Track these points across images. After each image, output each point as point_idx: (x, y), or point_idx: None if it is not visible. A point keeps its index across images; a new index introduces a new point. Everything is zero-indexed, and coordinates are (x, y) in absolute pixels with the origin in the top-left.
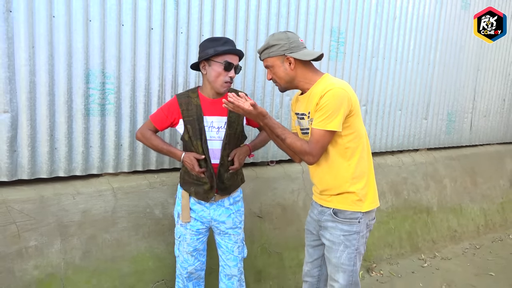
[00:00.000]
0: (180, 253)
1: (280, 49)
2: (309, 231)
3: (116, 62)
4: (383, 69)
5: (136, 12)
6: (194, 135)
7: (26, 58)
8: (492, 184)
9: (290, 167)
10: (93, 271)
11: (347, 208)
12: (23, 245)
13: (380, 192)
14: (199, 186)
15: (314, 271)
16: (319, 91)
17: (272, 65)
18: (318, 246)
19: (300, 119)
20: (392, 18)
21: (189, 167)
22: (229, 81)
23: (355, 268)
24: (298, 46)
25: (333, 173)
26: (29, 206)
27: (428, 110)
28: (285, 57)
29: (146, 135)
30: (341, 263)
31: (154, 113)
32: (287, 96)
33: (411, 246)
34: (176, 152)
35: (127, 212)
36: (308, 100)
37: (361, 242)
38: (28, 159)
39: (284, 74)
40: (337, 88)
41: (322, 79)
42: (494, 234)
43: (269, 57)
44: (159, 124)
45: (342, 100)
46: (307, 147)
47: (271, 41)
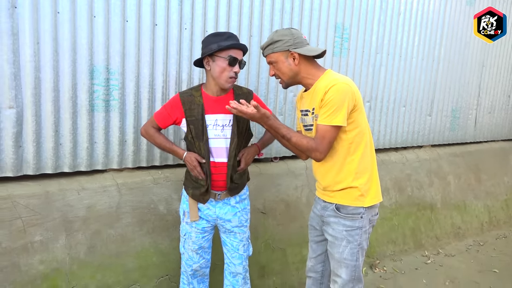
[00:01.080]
0: (185, 251)
1: (285, 45)
2: (313, 226)
3: (120, 58)
4: (387, 65)
5: (140, 8)
6: (197, 135)
7: (31, 54)
8: (496, 181)
9: (293, 164)
10: (97, 266)
11: (349, 204)
12: (28, 240)
13: (384, 188)
14: (196, 188)
15: (318, 267)
16: (323, 87)
17: (275, 60)
18: (321, 242)
19: (304, 115)
20: (397, 14)
21: (190, 167)
22: (234, 76)
23: (357, 263)
24: (302, 42)
25: (336, 168)
26: (34, 201)
27: (433, 107)
28: (290, 53)
29: (149, 132)
30: (344, 258)
31: (158, 111)
32: (291, 92)
33: (414, 243)
34: (179, 151)
35: (132, 207)
36: (312, 96)
37: (364, 237)
38: (33, 155)
39: (287, 70)
40: (341, 83)
41: (325, 75)
42: (498, 231)
43: (273, 53)
44: (162, 122)
45: (346, 95)
46: (313, 144)
47: (275, 37)
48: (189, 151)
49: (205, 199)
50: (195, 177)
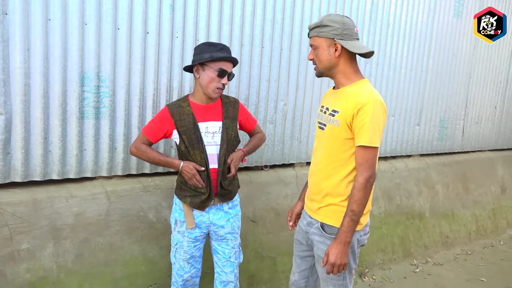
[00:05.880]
0: (177, 260)
1: (331, 32)
2: (298, 241)
3: (111, 66)
4: (377, 75)
5: (132, 16)
6: (191, 144)
7: (21, 60)
8: (483, 190)
9: (283, 172)
10: (85, 275)
11: (334, 224)
12: (15, 248)
13: (373, 197)
14: (196, 196)
15: (301, 282)
16: (355, 97)
17: (318, 45)
18: (306, 257)
19: (323, 112)
20: (386, 25)
21: (188, 176)
22: (221, 87)
23: (345, 282)
24: (351, 35)
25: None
26: (22, 208)
27: (421, 117)
28: (333, 42)
29: (141, 148)
30: (330, 278)
31: (146, 126)
32: (281, 101)
33: (403, 251)
34: (174, 162)
35: (121, 215)
36: (338, 98)
37: (351, 257)
38: (21, 162)
39: (326, 59)
40: (378, 101)
41: (361, 82)
42: (486, 240)
43: (317, 36)
44: (152, 137)
45: (384, 114)
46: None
47: (325, 21)
48: (185, 161)
49: (206, 206)
50: (194, 185)
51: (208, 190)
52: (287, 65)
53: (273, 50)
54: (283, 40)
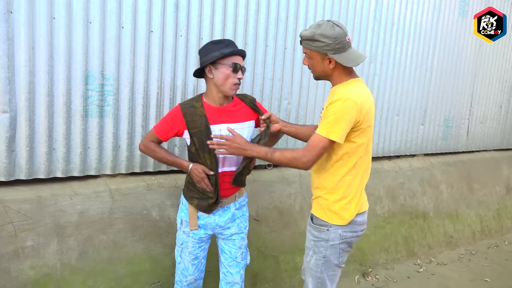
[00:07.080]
0: (182, 260)
1: (324, 48)
2: None
3: (115, 64)
4: (381, 74)
5: (136, 14)
6: (201, 147)
7: (26, 59)
8: (488, 190)
9: (287, 171)
10: (89, 272)
11: (317, 215)
12: (19, 245)
13: (377, 196)
14: (203, 199)
15: None
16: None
17: (311, 56)
18: None
19: None
20: (391, 24)
21: (197, 179)
22: (238, 82)
23: (322, 276)
24: (343, 47)
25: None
26: (26, 206)
27: (425, 116)
28: (327, 56)
29: (150, 147)
30: (310, 268)
31: (157, 124)
32: (285, 100)
33: (407, 251)
34: (183, 163)
35: (124, 213)
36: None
37: (331, 251)
38: (26, 160)
39: (320, 69)
40: (349, 100)
41: (349, 82)
42: (490, 240)
43: (309, 50)
44: (163, 135)
45: (348, 112)
46: (300, 152)
47: (316, 35)
48: (194, 163)
49: (212, 210)
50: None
51: (216, 195)
52: (291, 64)
53: (277, 49)
54: (287, 39)
